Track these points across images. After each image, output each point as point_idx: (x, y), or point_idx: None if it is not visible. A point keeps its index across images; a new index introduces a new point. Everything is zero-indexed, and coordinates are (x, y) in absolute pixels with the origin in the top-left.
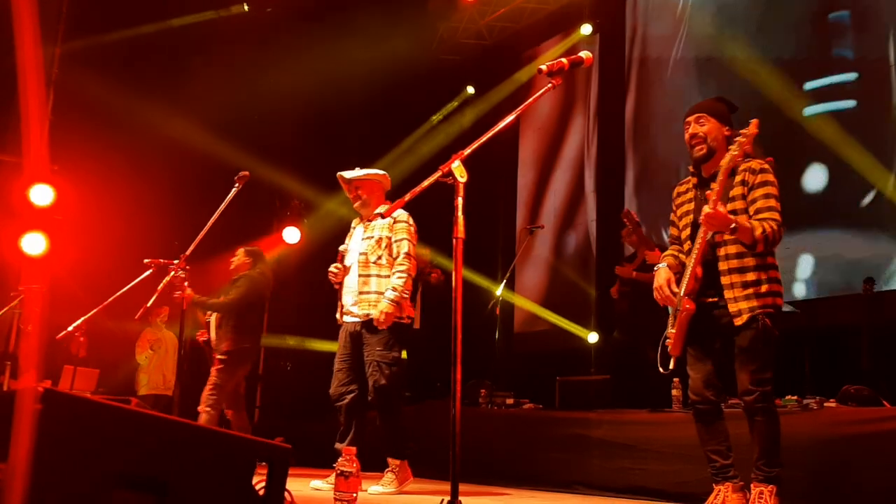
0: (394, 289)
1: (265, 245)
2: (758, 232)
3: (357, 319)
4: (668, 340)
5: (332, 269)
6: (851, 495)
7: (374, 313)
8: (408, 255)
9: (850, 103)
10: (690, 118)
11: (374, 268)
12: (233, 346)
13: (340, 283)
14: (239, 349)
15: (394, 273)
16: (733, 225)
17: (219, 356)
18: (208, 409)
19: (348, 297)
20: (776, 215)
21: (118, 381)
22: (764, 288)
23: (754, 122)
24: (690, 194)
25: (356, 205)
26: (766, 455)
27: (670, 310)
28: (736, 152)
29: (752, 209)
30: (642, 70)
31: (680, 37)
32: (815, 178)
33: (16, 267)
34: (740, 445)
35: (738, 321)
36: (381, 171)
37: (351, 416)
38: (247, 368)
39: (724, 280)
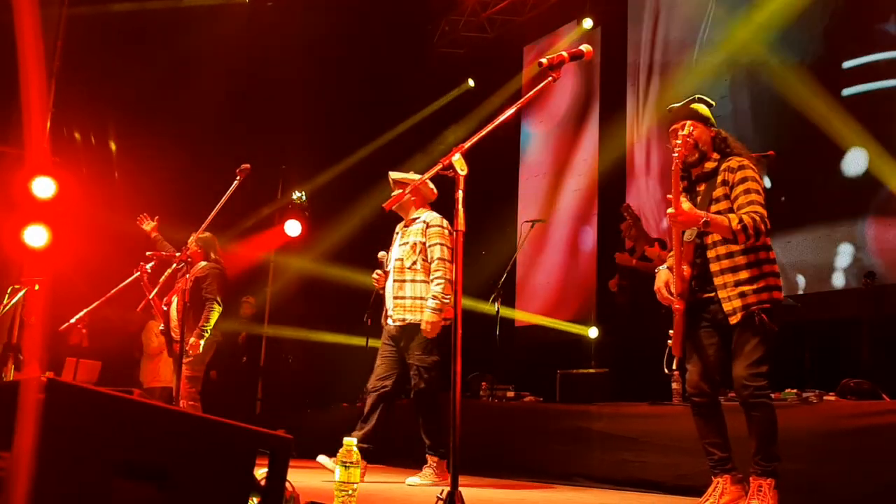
0: (434, 297)
1: (267, 238)
2: (734, 223)
3: (395, 323)
4: (671, 342)
5: (373, 275)
6: (851, 488)
7: (410, 318)
8: (442, 259)
9: (892, 82)
10: (677, 125)
11: (409, 273)
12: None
13: (383, 288)
14: (207, 342)
15: (432, 280)
16: (704, 219)
17: (187, 348)
18: (190, 402)
19: (388, 302)
20: (759, 208)
21: (120, 373)
22: (759, 284)
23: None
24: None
25: (394, 206)
26: (763, 449)
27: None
28: (675, 161)
29: (735, 206)
30: (651, 67)
31: (707, 16)
32: (854, 162)
33: (18, 259)
34: (739, 438)
35: (734, 319)
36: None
37: (375, 407)
38: (210, 356)
39: (717, 280)
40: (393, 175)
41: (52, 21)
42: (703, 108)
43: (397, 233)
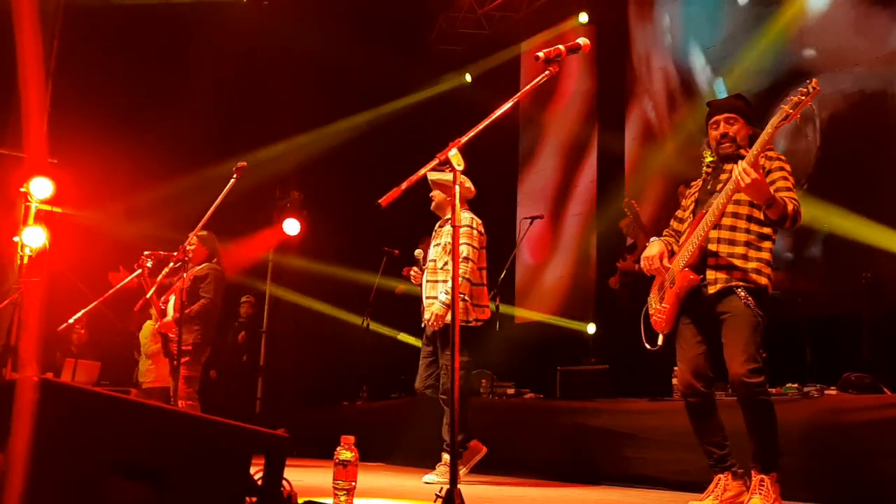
0: (446, 291)
1: (266, 237)
2: (790, 207)
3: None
4: (655, 317)
5: (411, 272)
6: (852, 482)
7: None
8: (465, 258)
9: None
10: (720, 117)
11: (441, 273)
12: (199, 339)
13: (420, 285)
14: (204, 341)
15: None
16: (771, 197)
17: (184, 347)
18: (189, 402)
19: (424, 301)
20: (795, 197)
21: (120, 374)
22: (750, 265)
23: (815, 80)
24: (700, 180)
25: (432, 206)
26: (763, 445)
27: (653, 293)
28: (791, 111)
29: (772, 189)
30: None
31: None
32: None
33: (16, 260)
34: (737, 433)
35: (713, 289)
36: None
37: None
38: (206, 356)
39: (711, 247)
40: (432, 176)
41: (49, 19)
42: (744, 106)
43: (436, 231)
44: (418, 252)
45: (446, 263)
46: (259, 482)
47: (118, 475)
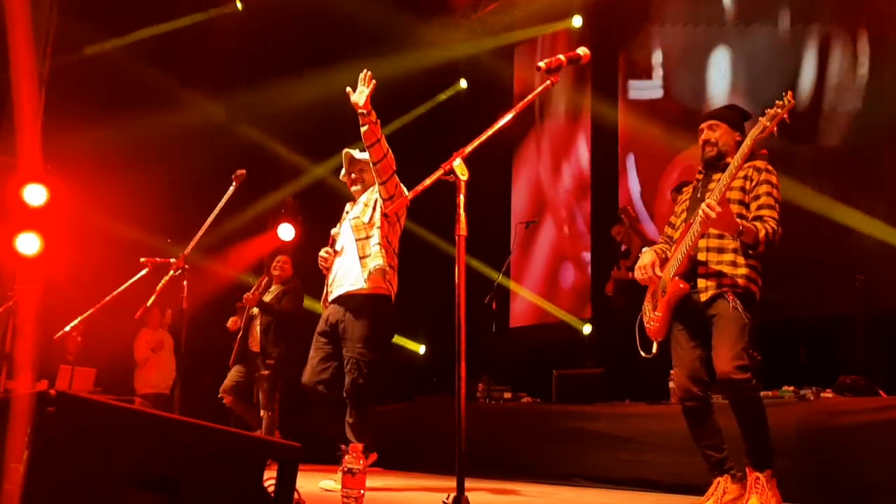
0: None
1: (261, 242)
2: (761, 234)
3: (343, 292)
4: (649, 325)
5: (322, 253)
6: (849, 485)
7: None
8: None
9: None
10: (703, 125)
11: (371, 229)
12: (285, 352)
13: (329, 269)
14: (288, 354)
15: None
16: (741, 228)
17: (269, 360)
18: (269, 412)
19: (347, 268)
20: (776, 215)
21: (114, 381)
22: (739, 271)
23: (790, 93)
24: (692, 186)
25: (355, 186)
26: (756, 443)
27: (647, 301)
28: (768, 124)
29: (754, 204)
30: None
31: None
32: None
33: (10, 267)
34: (735, 437)
35: (704, 296)
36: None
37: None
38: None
39: (700, 257)
40: (356, 155)
41: (42, 26)
42: (732, 114)
43: (348, 211)
44: (335, 231)
45: (372, 216)
46: (270, 490)
47: (131, 486)
